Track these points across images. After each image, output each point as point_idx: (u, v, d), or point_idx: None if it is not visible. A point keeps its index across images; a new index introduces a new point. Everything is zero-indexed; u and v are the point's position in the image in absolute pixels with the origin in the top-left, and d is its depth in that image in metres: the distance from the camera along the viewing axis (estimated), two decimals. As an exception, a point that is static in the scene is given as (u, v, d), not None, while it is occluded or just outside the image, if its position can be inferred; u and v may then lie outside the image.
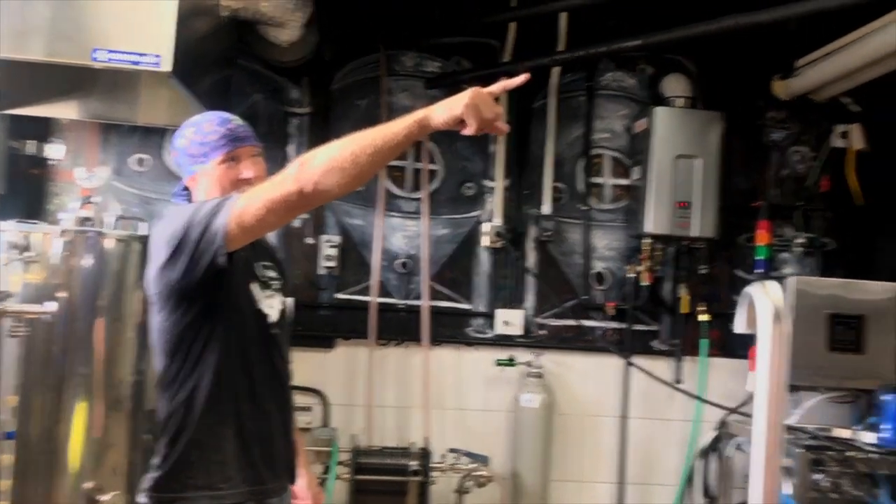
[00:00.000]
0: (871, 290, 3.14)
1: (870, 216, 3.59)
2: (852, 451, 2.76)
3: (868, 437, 2.77)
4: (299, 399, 3.16)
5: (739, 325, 1.44)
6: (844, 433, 2.87)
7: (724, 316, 3.45)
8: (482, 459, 3.23)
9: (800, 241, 3.57)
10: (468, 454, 3.24)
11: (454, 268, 3.51)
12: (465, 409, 3.44)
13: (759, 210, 3.52)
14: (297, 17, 2.97)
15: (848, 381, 3.13)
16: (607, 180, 3.61)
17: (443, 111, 1.33)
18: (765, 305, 1.33)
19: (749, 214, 3.55)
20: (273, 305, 1.64)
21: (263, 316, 1.60)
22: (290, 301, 1.75)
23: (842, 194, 3.58)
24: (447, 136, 3.51)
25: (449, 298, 3.50)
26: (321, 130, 3.43)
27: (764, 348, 1.33)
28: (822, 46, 3.36)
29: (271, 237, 2.98)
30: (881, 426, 2.75)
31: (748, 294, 1.41)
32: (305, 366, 3.15)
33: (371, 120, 3.41)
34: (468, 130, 1.34)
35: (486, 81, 3.71)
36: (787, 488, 2.76)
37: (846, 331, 3.09)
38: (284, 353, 1.69)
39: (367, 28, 3.50)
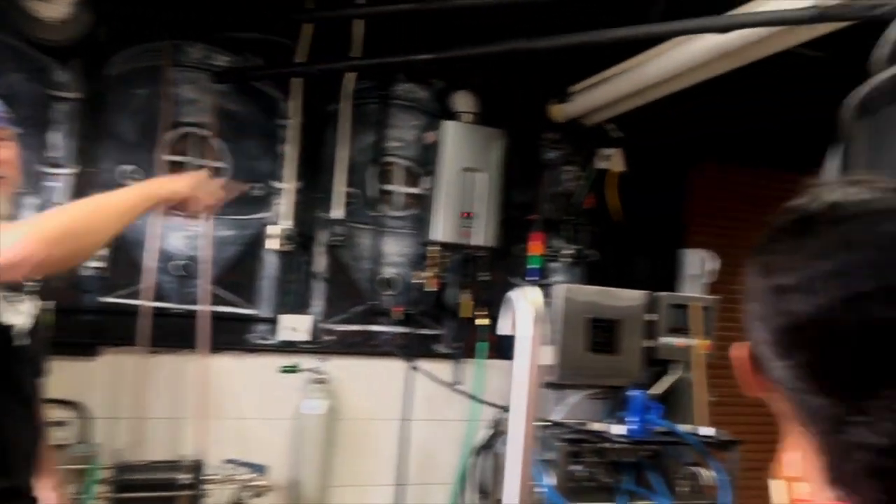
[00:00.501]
0: (625, 298, 3.51)
1: (627, 232, 4.02)
2: (605, 442, 3.06)
3: (618, 430, 3.09)
4: (55, 413, 2.87)
5: (503, 328, 1.54)
6: (599, 426, 3.18)
7: (501, 321, 3.67)
8: (260, 469, 3.14)
9: (568, 252, 3.91)
10: (246, 464, 3.14)
11: (238, 271, 3.38)
12: (245, 418, 3.33)
13: (533, 223, 3.81)
14: (65, -8, 2.71)
15: (604, 379, 3.47)
16: (398, 188, 3.69)
17: (167, 188, 1.37)
18: (524, 309, 1.44)
19: (525, 226, 3.81)
20: (21, 312, 1.47)
21: (6, 328, 1.43)
22: (47, 305, 1.58)
23: (604, 211, 3.97)
24: (235, 133, 3.39)
25: (231, 303, 3.36)
26: (94, 118, 3.16)
27: (522, 349, 1.43)
28: (592, 76, 3.71)
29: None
30: (628, 419, 3.08)
31: (510, 298, 1.52)
32: (64, 376, 2.86)
33: (152, 111, 3.24)
34: (186, 210, 1.41)
35: (279, 80, 3.67)
36: (551, 479, 2.99)
37: (603, 333, 3.43)
38: (36, 367, 1.52)
39: (151, 13, 3.28)
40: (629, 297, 3.51)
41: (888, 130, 1.36)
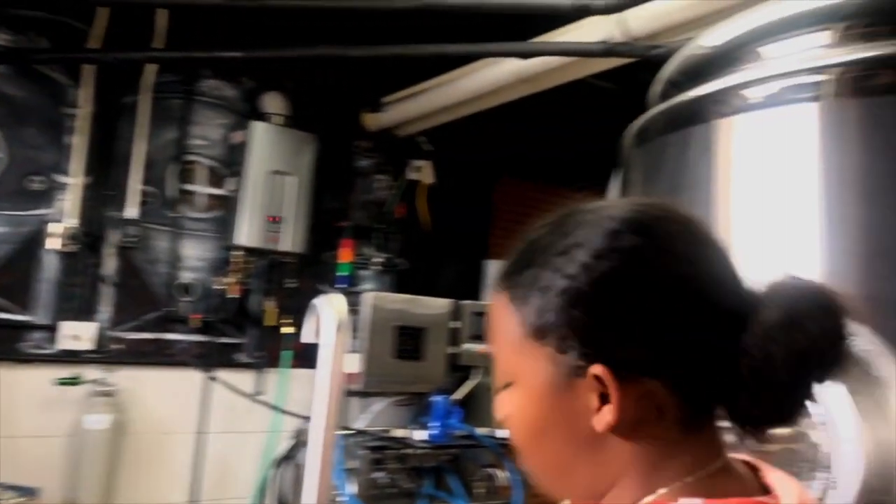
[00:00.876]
0: (431, 306, 3.60)
1: (435, 242, 4.13)
2: (407, 448, 3.11)
3: (420, 435, 3.16)
4: None
5: (306, 335, 1.52)
6: (402, 433, 3.23)
7: (307, 329, 3.62)
8: (30, 492, 2.81)
9: (378, 260, 3.94)
10: (12, 487, 2.80)
11: (10, 273, 3.01)
12: (14, 436, 2.96)
13: (344, 230, 3.79)
14: None
15: (410, 385, 3.53)
16: (201, 188, 3.51)
17: None
18: (328, 316, 1.43)
19: (335, 233, 3.79)
20: None
21: None
22: None
23: (414, 221, 4.05)
24: (13, 119, 3.04)
25: (0, 308, 3.00)
26: None
27: (326, 357, 1.42)
28: (407, 87, 3.78)
29: None
30: (430, 424, 3.16)
31: (314, 306, 1.50)
32: None
33: None
34: None
35: (69, 65, 3.36)
36: (353, 488, 2.99)
37: (410, 341, 3.49)
38: None
39: None
40: (437, 305, 3.60)
41: (658, 158, 1.53)
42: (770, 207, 1.28)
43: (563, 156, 4.43)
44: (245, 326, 3.56)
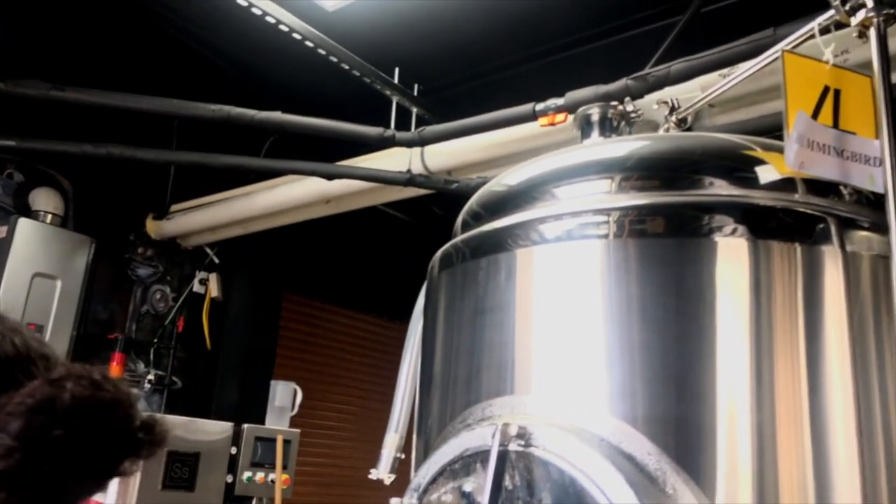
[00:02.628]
0: (208, 430, 3.33)
1: (214, 359, 3.89)
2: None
3: (188, 577, 2.83)
4: None
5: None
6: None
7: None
8: None
9: (150, 377, 3.61)
10: None
11: None
12: None
13: (115, 342, 3.45)
14: None
15: (177, 520, 3.17)
16: (-60, 288, 3.04)
17: None
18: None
19: (105, 345, 3.43)
20: None
21: None
22: None
23: (195, 336, 3.81)
24: None
25: None
26: None
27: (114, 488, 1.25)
28: (196, 197, 3.66)
29: None
30: (201, 563, 2.85)
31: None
32: None
33: None
34: None
35: None
36: None
37: (181, 468, 3.17)
38: None
39: None
40: (213, 430, 3.34)
41: (464, 282, 1.61)
42: (566, 331, 1.39)
43: (353, 278, 4.49)
44: (-21, 452, 3.02)
